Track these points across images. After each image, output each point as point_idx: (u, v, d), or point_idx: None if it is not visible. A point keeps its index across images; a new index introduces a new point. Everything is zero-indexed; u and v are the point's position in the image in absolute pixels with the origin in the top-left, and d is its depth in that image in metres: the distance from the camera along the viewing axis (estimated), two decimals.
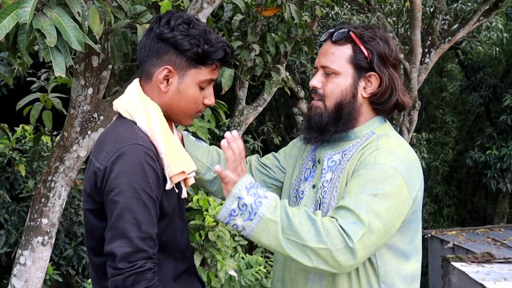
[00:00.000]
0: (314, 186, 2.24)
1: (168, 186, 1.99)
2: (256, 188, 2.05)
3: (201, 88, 2.09)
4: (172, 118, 2.13)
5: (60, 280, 7.39)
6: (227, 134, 2.10)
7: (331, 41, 2.21)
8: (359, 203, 1.98)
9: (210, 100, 2.13)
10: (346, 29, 2.19)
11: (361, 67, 2.16)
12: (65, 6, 2.29)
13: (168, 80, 2.05)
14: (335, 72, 2.17)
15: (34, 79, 7.53)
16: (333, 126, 2.18)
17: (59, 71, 2.19)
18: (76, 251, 7.98)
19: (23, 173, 7.66)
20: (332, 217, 2.00)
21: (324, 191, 2.18)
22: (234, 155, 2.08)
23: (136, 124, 2.02)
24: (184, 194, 2.14)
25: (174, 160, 2.01)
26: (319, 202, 2.19)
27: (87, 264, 7.98)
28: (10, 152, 7.78)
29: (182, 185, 2.12)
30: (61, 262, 7.80)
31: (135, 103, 2.04)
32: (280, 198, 2.34)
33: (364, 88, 2.18)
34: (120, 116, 2.09)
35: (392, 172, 2.03)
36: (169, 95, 2.06)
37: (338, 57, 2.17)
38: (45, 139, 7.73)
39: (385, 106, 2.20)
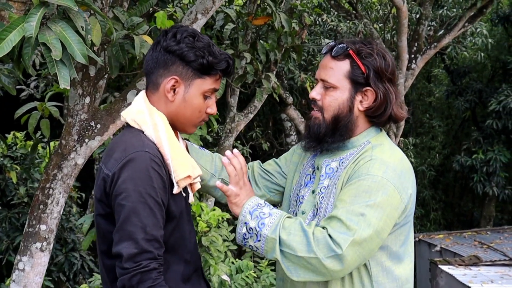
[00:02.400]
0: (313, 192, 2.35)
1: (175, 190, 2.11)
2: (261, 208, 2.22)
3: (205, 98, 2.21)
4: (177, 126, 2.25)
5: (52, 286, 7.42)
6: (227, 152, 2.29)
7: (330, 55, 2.31)
8: (350, 214, 2.10)
9: (213, 109, 2.26)
10: (345, 45, 2.29)
11: (358, 82, 2.26)
12: (69, 20, 2.37)
13: (174, 90, 2.17)
14: (333, 86, 2.28)
15: (23, 87, 7.57)
16: (330, 137, 2.30)
17: (64, 83, 2.28)
18: (67, 258, 8.00)
19: (14, 180, 7.69)
20: (323, 227, 2.13)
21: (321, 197, 2.29)
22: (236, 170, 2.26)
23: (143, 133, 2.13)
24: (191, 199, 2.26)
25: (180, 165, 2.12)
26: (316, 207, 2.30)
27: (78, 270, 8.01)
28: (1, 159, 7.80)
29: (189, 190, 2.24)
30: (52, 268, 7.81)
31: (143, 113, 2.16)
32: (282, 202, 2.50)
33: (361, 101, 2.28)
34: (128, 125, 2.20)
35: (384, 182, 2.14)
36: (176, 104, 2.18)
37: (336, 72, 2.28)
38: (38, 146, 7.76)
39: (379, 119, 2.31)
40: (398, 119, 2.34)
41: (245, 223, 2.20)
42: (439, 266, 9.99)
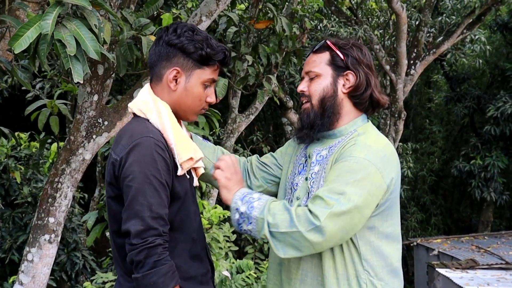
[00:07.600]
0: (306, 179, 2.53)
1: (180, 172, 2.28)
2: (251, 194, 2.41)
3: (205, 87, 2.39)
4: (179, 114, 2.41)
5: (54, 285, 7.53)
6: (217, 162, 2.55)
7: (312, 52, 2.58)
8: (330, 192, 2.27)
9: (212, 98, 2.43)
10: (324, 40, 2.57)
11: (338, 67, 2.50)
12: (83, 19, 2.52)
13: (176, 80, 2.35)
14: (317, 74, 2.51)
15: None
16: (319, 119, 2.50)
17: (78, 78, 2.42)
18: (70, 257, 8.11)
19: (18, 180, 7.81)
20: (305, 206, 2.31)
21: (313, 181, 2.49)
22: (227, 162, 2.51)
23: (149, 121, 2.29)
24: (195, 183, 2.43)
25: (183, 149, 2.29)
26: (308, 191, 2.49)
27: (80, 270, 8.12)
28: (6, 159, 7.93)
29: (193, 174, 2.41)
30: (54, 268, 7.91)
31: (147, 103, 2.33)
32: (278, 191, 2.71)
33: (343, 85, 2.50)
34: (135, 115, 2.37)
35: (365, 163, 2.32)
36: (178, 93, 2.35)
37: (318, 62, 2.53)
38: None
39: (361, 99, 2.51)
40: (380, 104, 2.55)
41: (237, 209, 2.37)
42: (437, 269, 10.10)
